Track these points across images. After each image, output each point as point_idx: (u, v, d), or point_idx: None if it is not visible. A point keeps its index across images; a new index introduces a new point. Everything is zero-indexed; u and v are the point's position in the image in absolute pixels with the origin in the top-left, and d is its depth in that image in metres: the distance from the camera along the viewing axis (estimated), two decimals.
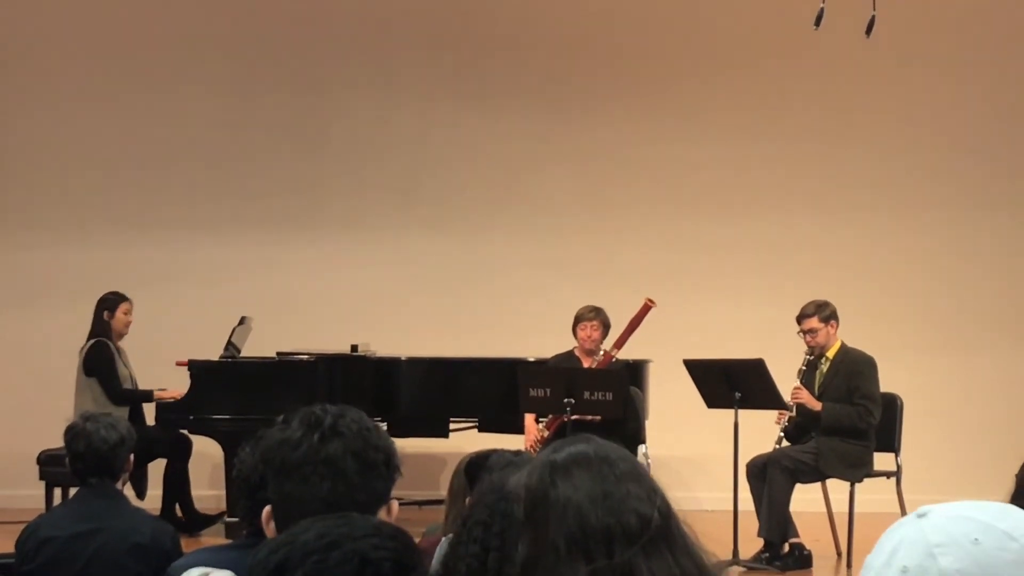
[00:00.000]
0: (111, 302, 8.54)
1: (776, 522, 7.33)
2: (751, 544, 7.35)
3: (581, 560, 1.67)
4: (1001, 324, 9.91)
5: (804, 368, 7.63)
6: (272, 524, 2.21)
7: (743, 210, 9.95)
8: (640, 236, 9.95)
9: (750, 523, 7.40)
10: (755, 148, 9.99)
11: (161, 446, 8.39)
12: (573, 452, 1.76)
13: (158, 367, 8.62)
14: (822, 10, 6.89)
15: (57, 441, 8.20)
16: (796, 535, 7.47)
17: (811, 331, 7.58)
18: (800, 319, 7.64)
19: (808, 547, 7.52)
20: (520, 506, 1.73)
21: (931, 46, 9.93)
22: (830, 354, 7.63)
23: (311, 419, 2.23)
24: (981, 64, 9.98)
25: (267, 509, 2.22)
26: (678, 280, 9.64)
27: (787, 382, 7.55)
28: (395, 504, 2.22)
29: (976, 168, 9.99)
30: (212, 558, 2.66)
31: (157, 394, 8.48)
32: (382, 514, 2.19)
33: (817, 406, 7.47)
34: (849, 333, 7.78)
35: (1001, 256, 9.96)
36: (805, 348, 7.67)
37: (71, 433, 4.21)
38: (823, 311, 7.60)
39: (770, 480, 7.32)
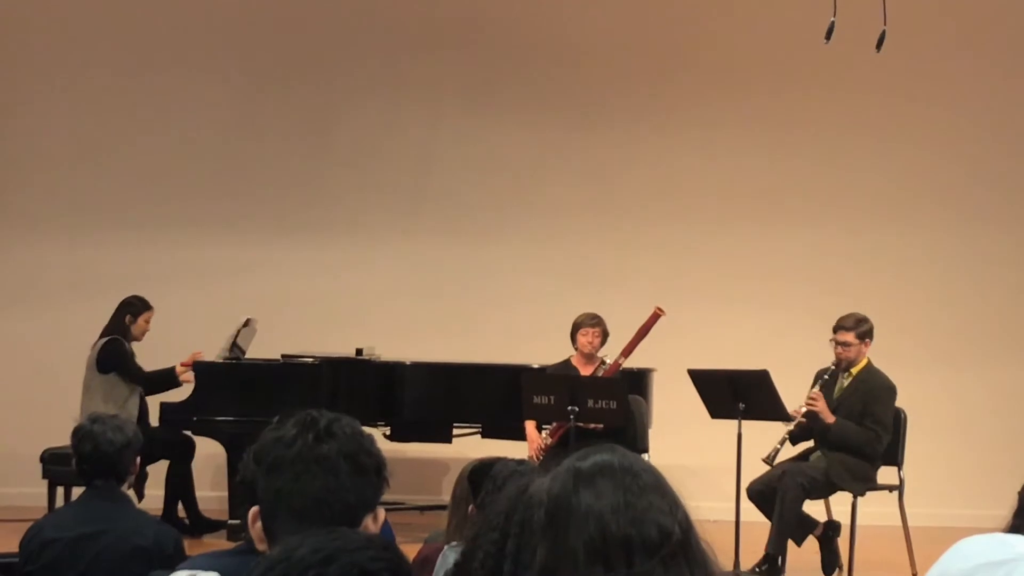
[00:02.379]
0: (137, 308, 8.51)
1: (783, 538, 7.34)
2: (753, 555, 7.35)
3: (600, 568, 1.68)
4: (1005, 339, 9.90)
5: (827, 378, 7.56)
6: (259, 524, 2.21)
7: (750, 221, 9.95)
8: (646, 245, 9.95)
9: (752, 533, 7.40)
10: (762, 160, 10.00)
11: (164, 447, 8.39)
12: (598, 461, 1.77)
13: (162, 367, 8.64)
14: (833, 24, 6.89)
15: (60, 439, 8.26)
16: (817, 526, 7.49)
17: (845, 344, 7.51)
18: (836, 329, 7.56)
19: (810, 557, 7.52)
20: (542, 512, 1.74)
21: (941, 61, 9.93)
22: (855, 370, 7.57)
23: (306, 420, 2.25)
24: (991, 79, 9.97)
25: (254, 509, 2.23)
26: (684, 289, 9.64)
27: (790, 393, 7.50)
28: (381, 512, 2.24)
29: (985, 183, 9.98)
30: (212, 563, 2.66)
31: (178, 370, 8.48)
32: (368, 520, 2.20)
33: (831, 419, 7.40)
34: None
35: (1006, 271, 9.95)
36: (814, 359, 7.63)
37: (78, 435, 4.22)
38: (861, 327, 7.53)
39: (783, 493, 7.30)
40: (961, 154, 9.99)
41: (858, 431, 7.39)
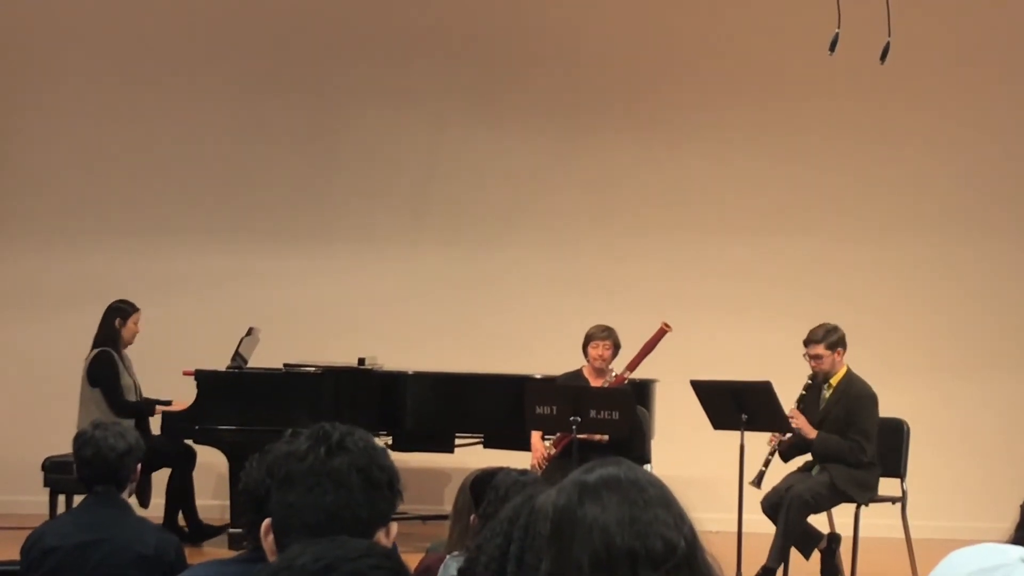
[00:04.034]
0: (125, 311, 8.50)
1: (784, 552, 7.34)
2: (755, 566, 7.34)
3: None
4: (1008, 350, 9.89)
5: (804, 393, 7.61)
6: (271, 537, 2.21)
7: (752, 232, 9.95)
8: (650, 256, 9.95)
9: (754, 545, 7.39)
10: (766, 171, 10.00)
11: (165, 455, 8.38)
12: (604, 474, 1.78)
13: (164, 376, 8.63)
14: (837, 35, 6.90)
15: (62, 448, 8.26)
16: (822, 539, 7.50)
17: (816, 357, 7.56)
18: (807, 343, 7.61)
19: (812, 570, 7.51)
20: (547, 523, 1.74)
21: (944, 71, 9.94)
22: (834, 381, 7.60)
23: (319, 434, 2.25)
24: (994, 89, 9.97)
25: (267, 522, 2.23)
26: (687, 300, 9.64)
27: (790, 407, 7.52)
28: (394, 527, 2.23)
29: (988, 193, 9.98)
30: (216, 572, 2.67)
31: (160, 408, 8.47)
32: (380, 535, 2.20)
33: (812, 434, 7.45)
34: (855, 357, 7.75)
35: (1010, 281, 9.95)
36: (809, 372, 7.66)
37: (80, 440, 4.23)
38: (830, 337, 7.56)
39: (788, 507, 7.30)
40: (964, 164, 9.99)
41: (840, 443, 7.42)
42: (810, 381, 7.61)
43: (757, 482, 7.45)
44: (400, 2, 10.13)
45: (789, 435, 7.47)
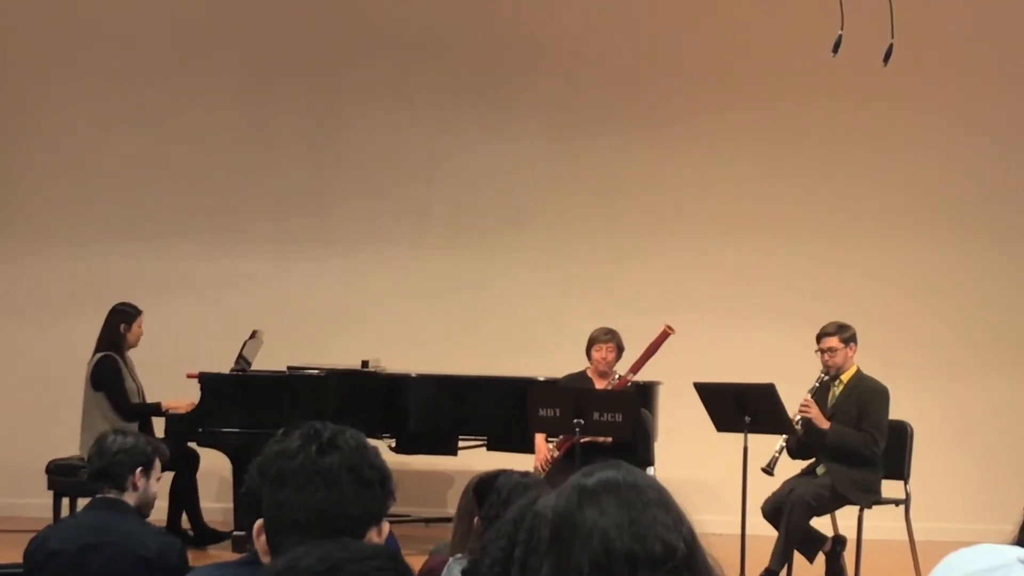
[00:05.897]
0: (129, 315, 8.49)
1: (786, 554, 7.34)
2: (758, 569, 7.34)
3: None
4: (1010, 352, 9.89)
5: (817, 386, 7.60)
6: (263, 538, 2.21)
7: (755, 234, 9.95)
8: (653, 258, 9.95)
9: (758, 547, 7.39)
10: (768, 173, 10.00)
11: (168, 459, 8.36)
12: (603, 477, 1.78)
13: (168, 379, 8.62)
14: (840, 37, 6.90)
15: (66, 451, 8.28)
16: (826, 541, 7.50)
17: (830, 350, 7.56)
18: (820, 337, 7.60)
19: (816, 573, 7.51)
20: (547, 528, 1.75)
21: (947, 74, 9.94)
22: (845, 378, 7.60)
23: (310, 432, 2.25)
24: (996, 92, 9.97)
25: (258, 522, 2.23)
26: (690, 303, 9.63)
27: (796, 406, 7.51)
28: (386, 525, 2.24)
29: (989, 196, 9.97)
30: (218, 574, 2.66)
31: (166, 404, 8.46)
32: (372, 534, 2.20)
33: (825, 424, 7.44)
34: (859, 359, 7.75)
35: (1011, 283, 9.94)
36: (819, 371, 7.64)
37: (98, 436, 4.37)
38: (844, 332, 7.58)
39: (790, 510, 7.30)
40: (966, 167, 9.99)
41: (854, 434, 7.42)
42: (824, 376, 7.59)
43: (770, 469, 7.43)
44: (402, 6, 10.14)
45: (799, 426, 7.46)
